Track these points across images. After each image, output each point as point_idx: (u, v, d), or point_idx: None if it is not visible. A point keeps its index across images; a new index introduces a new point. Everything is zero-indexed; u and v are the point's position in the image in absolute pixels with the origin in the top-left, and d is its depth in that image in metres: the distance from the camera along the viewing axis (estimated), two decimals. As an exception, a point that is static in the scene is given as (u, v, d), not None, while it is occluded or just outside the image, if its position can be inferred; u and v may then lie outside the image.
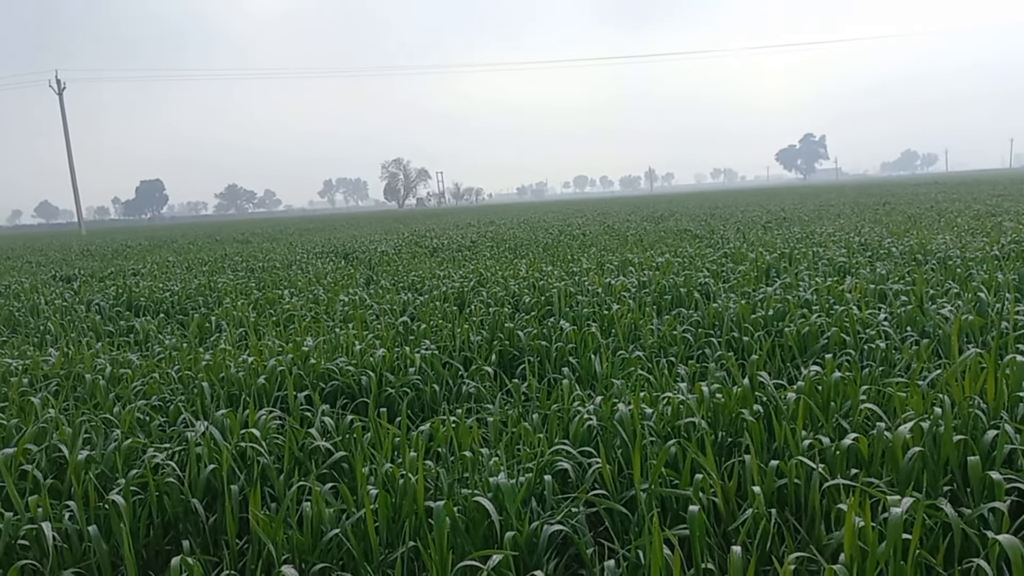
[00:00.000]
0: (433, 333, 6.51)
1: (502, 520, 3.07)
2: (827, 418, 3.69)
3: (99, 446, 4.00)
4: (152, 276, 13.38)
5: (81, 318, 8.73)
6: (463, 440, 3.89)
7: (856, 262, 9.44)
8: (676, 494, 3.16)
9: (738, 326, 6.01)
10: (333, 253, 17.53)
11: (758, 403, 3.87)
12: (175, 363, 5.80)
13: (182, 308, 9.36)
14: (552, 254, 13.99)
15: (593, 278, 9.30)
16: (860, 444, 3.21)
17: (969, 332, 5.09)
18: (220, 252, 20.29)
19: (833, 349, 5.17)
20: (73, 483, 3.50)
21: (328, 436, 4.17)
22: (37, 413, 4.53)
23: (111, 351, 6.65)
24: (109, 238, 42.87)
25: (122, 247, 27.23)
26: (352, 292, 9.60)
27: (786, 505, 3.12)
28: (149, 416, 4.60)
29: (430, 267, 12.60)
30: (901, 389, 3.88)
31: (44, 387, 5.49)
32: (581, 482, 3.47)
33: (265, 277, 12.24)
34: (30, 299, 10.58)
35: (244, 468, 3.77)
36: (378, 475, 3.47)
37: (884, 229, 14.69)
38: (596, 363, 5.30)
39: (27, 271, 17.45)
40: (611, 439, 3.76)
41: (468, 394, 5.10)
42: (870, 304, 6.47)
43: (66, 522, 3.32)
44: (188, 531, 3.47)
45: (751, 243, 13.21)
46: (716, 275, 9.07)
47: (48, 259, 22.30)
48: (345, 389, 5.17)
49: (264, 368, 5.24)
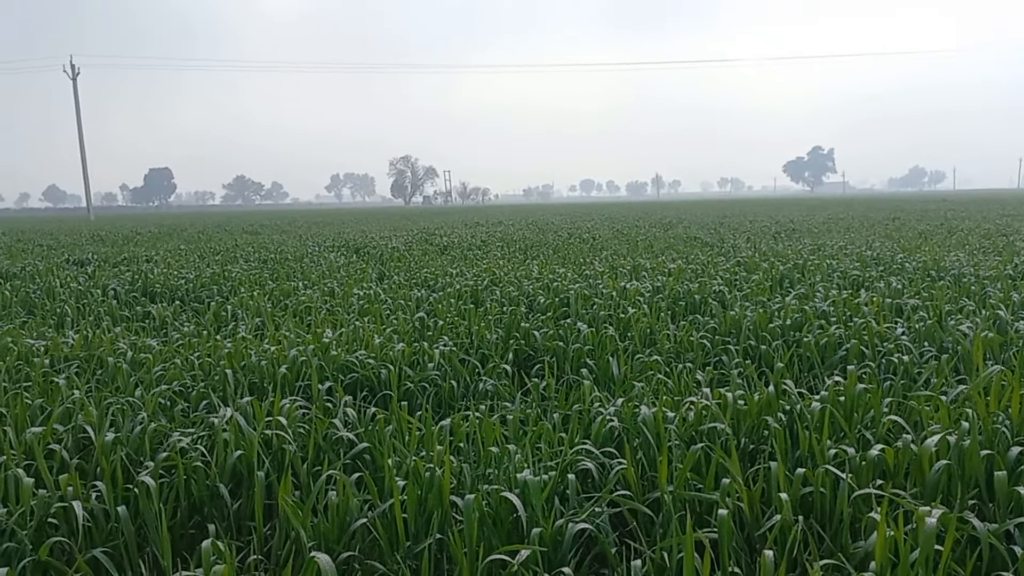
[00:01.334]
0: (450, 330, 6.54)
1: (528, 516, 3.10)
2: (850, 428, 3.72)
3: (124, 428, 4.03)
4: (166, 263, 13.43)
5: (97, 302, 8.78)
6: (487, 436, 3.91)
7: (870, 276, 9.45)
8: (703, 498, 3.18)
9: (755, 334, 6.03)
10: (344, 247, 17.57)
11: (781, 411, 3.89)
12: (195, 350, 5.84)
13: (197, 296, 9.40)
14: (563, 256, 14.02)
15: (607, 281, 9.32)
16: (887, 455, 3.23)
17: (989, 349, 5.11)
18: (230, 242, 20.35)
19: (852, 361, 5.20)
20: (102, 463, 3.53)
21: (350, 427, 4.20)
22: (62, 394, 4.56)
23: (129, 336, 6.69)
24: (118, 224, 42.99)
25: (132, 234, 27.31)
26: (366, 286, 9.63)
27: (811, 513, 3.14)
28: (171, 401, 4.64)
29: (441, 265, 12.63)
30: (925, 403, 3.90)
31: (66, 368, 5.53)
32: (604, 482, 3.50)
33: (278, 268, 12.29)
34: (45, 281, 10.63)
35: (269, 455, 3.80)
36: (403, 467, 3.51)
37: (895, 244, 14.70)
38: (614, 365, 5.32)
39: (39, 254, 17.51)
40: (633, 441, 3.79)
41: (486, 391, 5.13)
42: (887, 318, 6.49)
43: (94, 502, 3.36)
44: (214, 515, 3.50)
45: (763, 253, 13.23)
46: (730, 283, 9.10)
47: (59, 243, 22.38)
48: (365, 382, 5.20)
49: (286, 358, 5.28)
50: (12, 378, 5.20)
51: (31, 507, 3.18)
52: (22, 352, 5.77)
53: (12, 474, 3.31)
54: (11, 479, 3.30)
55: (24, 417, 4.19)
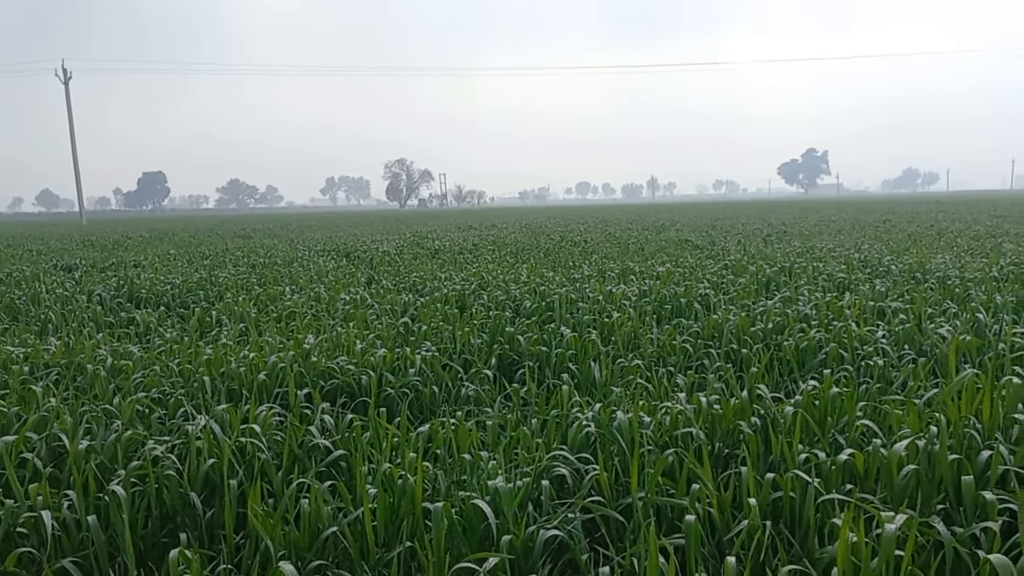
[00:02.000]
0: (434, 335, 6.53)
1: (499, 523, 3.10)
2: (824, 433, 3.72)
3: (99, 436, 4.01)
4: (153, 268, 13.40)
5: (82, 308, 8.75)
6: (462, 443, 3.91)
7: (855, 278, 9.47)
8: (672, 503, 3.19)
9: (737, 338, 6.04)
10: (334, 251, 17.55)
11: (756, 416, 3.90)
12: (175, 356, 5.82)
13: (183, 301, 9.38)
14: (553, 259, 14.03)
15: (594, 285, 9.33)
16: (856, 460, 3.24)
17: (966, 352, 5.12)
18: (221, 246, 20.32)
19: (831, 364, 5.21)
20: (73, 472, 3.52)
21: (328, 434, 4.20)
22: (38, 402, 4.55)
23: (112, 342, 6.67)
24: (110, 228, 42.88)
25: (123, 238, 27.24)
26: (353, 291, 9.62)
27: (780, 518, 3.15)
28: (149, 408, 4.62)
29: (431, 268, 12.63)
30: (897, 407, 3.91)
31: (45, 376, 5.51)
32: (578, 488, 3.50)
33: (266, 273, 12.27)
34: (31, 287, 10.59)
35: (243, 463, 3.80)
36: (377, 475, 3.50)
37: (884, 246, 14.74)
38: (596, 370, 5.32)
39: (28, 259, 17.46)
40: (609, 446, 3.79)
41: (467, 397, 5.12)
42: (869, 321, 6.50)
43: (65, 511, 3.35)
44: (186, 524, 3.49)
45: (752, 256, 13.25)
46: (716, 287, 9.11)
47: (49, 248, 22.31)
48: (345, 388, 5.20)
49: (265, 364, 5.27)
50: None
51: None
52: (1, 359, 5.75)
53: (-20, 484, 3.30)
54: (-21, 489, 3.29)
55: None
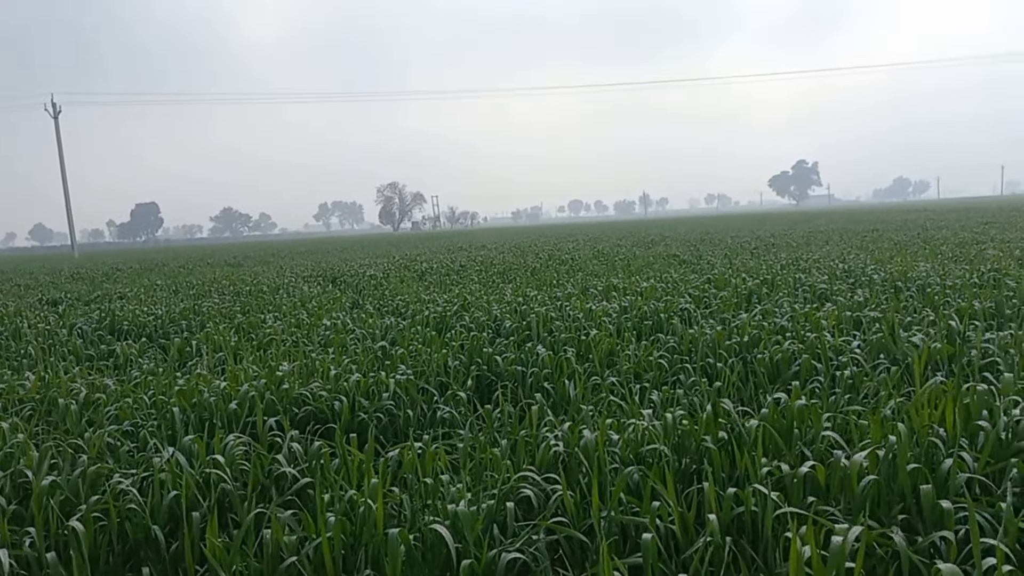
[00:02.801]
0: (412, 358, 6.52)
1: (459, 548, 3.08)
2: (790, 446, 3.71)
3: (64, 471, 3.98)
4: (138, 300, 13.36)
5: (63, 342, 8.72)
6: (427, 467, 3.89)
7: (837, 289, 9.49)
8: (633, 521, 3.17)
9: (713, 352, 6.04)
10: (321, 277, 17.55)
11: (723, 430, 3.89)
12: (150, 388, 5.80)
13: (164, 332, 9.35)
14: (539, 279, 14.03)
15: (575, 303, 9.33)
16: (817, 472, 3.23)
17: (938, 360, 5.13)
18: (210, 276, 20.29)
19: (804, 376, 5.20)
20: (35, 509, 3.50)
21: (296, 462, 4.17)
22: (5, 438, 4.52)
23: (89, 375, 6.64)
24: (101, 261, 42.81)
25: (112, 270, 27.19)
26: (336, 316, 9.60)
27: (743, 533, 3.13)
28: (119, 441, 4.59)
29: (416, 291, 12.62)
30: (863, 417, 3.91)
31: (17, 412, 5.47)
32: (544, 509, 3.48)
33: (251, 301, 12.25)
34: (13, 323, 10.55)
35: (209, 495, 3.77)
36: (341, 502, 3.48)
37: (869, 256, 14.78)
38: (570, 388, 5.31)
39: (14, 294, 17.41)
40: (575, 465, 3.78)
41: (442, 419, 5.10)
42: (845, 331, 6.51)
43: (26, 548, 3.32)
44: (148, 558, 3.46)
45: (736, 269, 13.28)
46: (698, 301, 9.11)
47: (37, 282, 22.26)
48: (318, 415, 5.17)
49: (237, 393, 5.25)
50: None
51: (-45, 557, 3.13)
52: (-28, 397, 5.72)
53: (-63, 524, 3.27)
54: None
55: (-37, 464, 4.14)
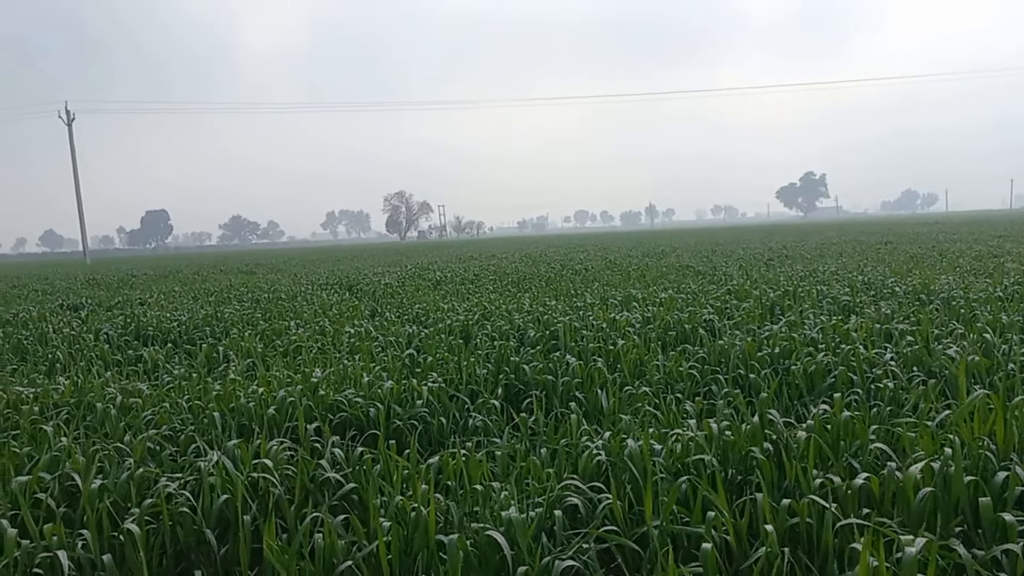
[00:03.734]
0: (439, 366, 6.54)
1: (514, 554, 3.09)
2: (837, 457, 3.72)
3: (112, 475, 4.01)
4: (159, 306, 13.43)
5: (90, 347, 8.77)
6: (473, 473, 3.90)
7: (860, 301, 9.49)
8: (688, 532, 3.18)
9: (744, 363, 6.04)
10: (337, 285, 17.60)
11: (768, 441, 3.89)
12: (184, 393, 5.83)
13: (189, 338, 9.40)
14: (555, 288, 14.05)
15: (597, 313, 9.34)
16: (872, 484, 3.23)
17: (976, 373, 5.12)
18: (225, 283, 20.36)
19: (840, 388, 5.20)
20: (87, 512, 3.52)
21: (338, 468, 4.19)
22: (50, 442, 4.55)
23: (120, 380, 6.68)
24: (114, 267, 43.00)
25: (127, 276, 27.31)
26: (357, 324, 9.64)
27: (798, 544, 3.14)
28: (160, 445, 4.62)
29: (434, 300, 12.65)
30: (910, 429, 3.91)
31: (55, 415, 5.51)
32: (591, 517, 3.48)
33: (271, 308, 12.30)
34: (38, 327, 10.62)
35: (256, 498, 3.79)
36: (389, 507, 3.50)
37: (887, 268, 14.76)
38: (603, 398, 5.32)
39: (34, 299, 17.50)
40: (620, 475, 3.78)
41: (475, 427, 5.12)
42: (875, 343, 6.51)
43: (79, 550, 3.34)
44: (200, 561, 3.48)
45: (754, 280, 13.28)
46: (720, 312, 9.12)
47: (54, 288, 22.37)
48: (353, 421, 5.20)
49: (274, 399, 5.27)
50: (0, 426, 5.19)
51: (15, 558, 3.16)
52: (11, 400, 5.76)
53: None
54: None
55: (11, 466, 4.17)
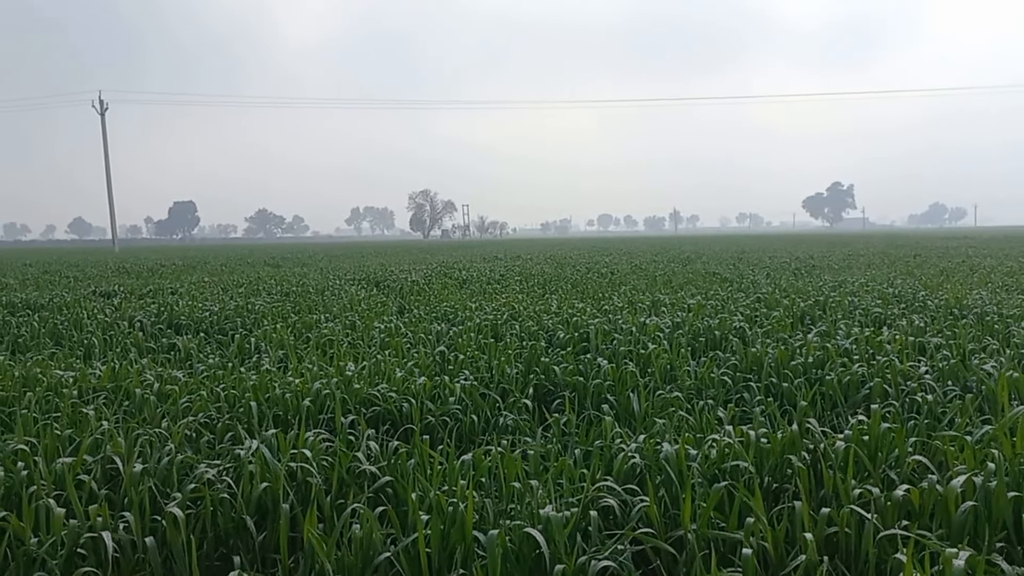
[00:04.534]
0: (470, 364, 6.57)
1: (551, 553, 3.11)
2: (875, 468, 3.70)
3: (152, 460, 4.08)
4: (190, 296, 13.59)
5: (124, 334, 8.90)
6: (510, 471, 3.92)
7: (892, 313, 9.40)
8: (727, 537, 3.18)
9: (777, 372, 6.02)
10: (364, 280, 17.71)
11: (805, 450, 3.88)
12: (219, 382, 5.91)
13: (221, 328, 9.51)
14: (582, 291, 14.05)
15: (626, 316, 9.34)
16: (912, 495, 3.22)
17: (1015, 389, 5.07)
18: (253, 275, 20.56)
19: (875, 399, 5.17)
20: (130, 494, 3.58)
21: (373, 460, 4.23)
22: (91, 425, 4.63)
23: (155, 367, 6.78)
24: (142, 256, 43.54)
25: (156, 266, 27.65)
26: (387, 320, 9.70)
27: (836, 553, 3.13)
28: (197, 432, 4.69)
29: (461, 298, 12.69)
30: (949, 443, 3.88)
31: (93, 399, 5.61)
32: (626, 519, 3.49)
33: (300, 301, 12.41)
34: (73, 312, 10.79)
35: (293, 487, 3.84)
36: (426, 502, 3.53)
37: (917, 281, 14.61)
38: (634, 401, 5.32)
39: (66, 285, 17.77)
40: (655, 478, 3.79)
41: (506, 426, 5.14)
42: (910, 356, 6.45)
43: (122, 533, 3.40)
44: (239, 547, 3.53)
45: (783, 289, 13.19)
46: (751, 320, 9.08)
47: (85, 274, 22.70)
48: (387, 415, 5.24)
49: (309, 391, 5.33)
50: (42, 408, 5.29)
51: (61, 537, 3.22)
52: (51, 383, 5.87)
53: (43, 504, 3.36)
54: (42, 509, 3.35)
55: (54, 447, 4.26)
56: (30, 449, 4.14)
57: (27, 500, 3.47)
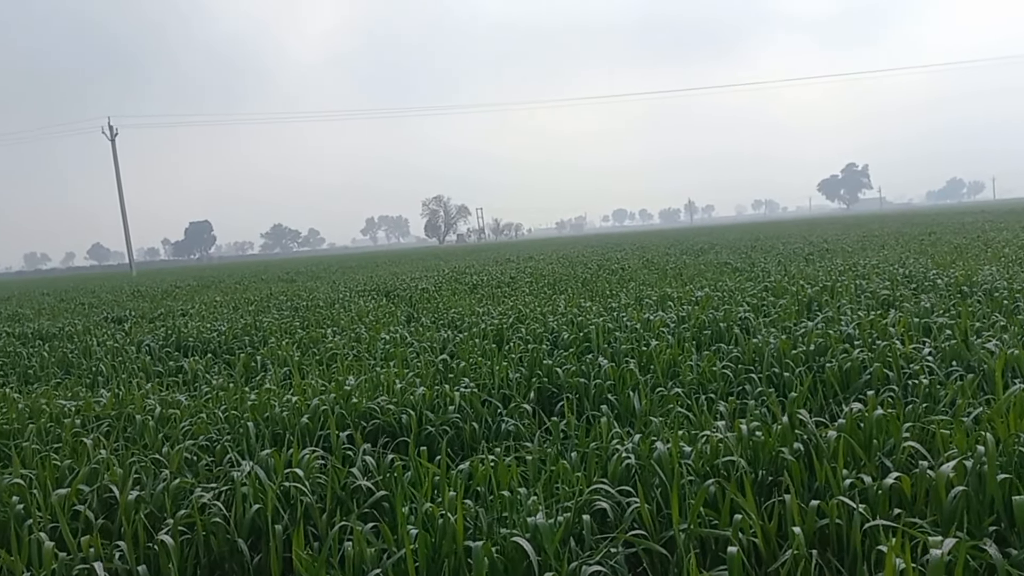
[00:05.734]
0: (472, 371, 6.56)
1: (540, 560, 3.09)
2: (870, 456, 3.65)
3: (148, 486, 4.10)
4: (200, 316, 13.69)
5: (132, 359, 8.97)
6: (502, 479, 3.91)
7: (900, 295, 9.29)
8: (715, 535, 3.15)
9: (779, 362, 5.96)
10: (374, 291, 17.76)
11: (798, 441, 3.84)
12: (222, 403, 5.94)
13: (228, 348, 9.56)
14: (591, 289, 14.01)
15: (632, 313, 9.29)
16: (903, 483, 3.17)
17: (1016, 367, 4.99)
18: (266, 291, 20.67)
19: (876, 385, 5.11)
20: (123, 523, 3.61)
21: (369, 475, 4.23)
22: (89, 454, 4.67)
23: (160, 391, 6.83)
24: (159, 279, 43.93)
25: (171, 287, 27.88)
26: (393, 330, 9.71)
27: (828, 546, 3.09)
28: (197, 456, 4.71)
29: (470, 304, 12.69)
30: (945, 426, 3.82)
31: (96, 428, 5.65)
32: (620, 521, 3.47)
33: (309, 316, 12.46)
34: (83, 341, 10.90)
35: (288, 508, 3.85)
36: (418, 514, 3.52)
37: (929, 260, 14.44)
38: (635, 400, 5.29)
39: (80, 312, 17.96)
40: (649, 478, 3.76)
41: (507, 432, 5.12)
42: (914, 338, 6.37)
43: (116, 562, 3.42)
44: (234, 570, 3.54)
45: (792, 276, 13.09)
46: (756, 309, 9.01)
47: (100, 300, 22.92)
48: (386, 428, 5.24)
49: (307, 407, 5.34)
50: (43, 439, 5.34)
51: (52, 570, 3.24)
52: (54, 413, 5.92)
53: (35, 538, 3.39)
54: (34, 543, 3.38)
55: (52, 479, 4.29)
56: (28, 482, 4.17)
57: (23, 533, 3.50)
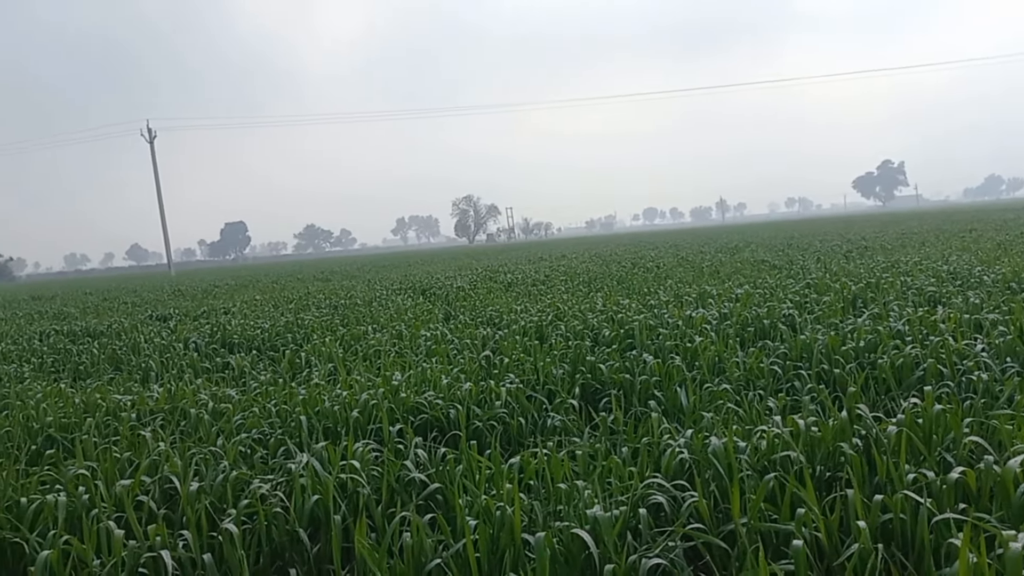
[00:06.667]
0: (516, 367, 6.58)
1: (600, 553, 3.10)
2: (930, 451, 3.60)
3: (208, 477, 4.18)
4: (242, 314, 13.89)
5: (179, 355, 9.14)
6: (555, 472, 3.92)
7: (947, 291, 9.14)
8: (778, 529, 3.13)
9: (828, 358, 5.90)
10: (411, 289, 17.87)
11: (856, 436, 3.80)
12: (271, 398, 6.03)
13: (272, 345, 9.70)
14: (627, 287, 13.97)
15: (672, 310, 9.25)
16: (968, 478, 3.13)
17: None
18: (303, 290, 20.91)
19: (930, 381, 5.03)
20: (187, 513, 3.68)
21: (421, 468, 4.27)
22: (148, 447, 4.77)
23: (210, 386, 6.95)
24: (197, 278, 44.62)
25: (210, 287, 28.31)
26: (433, 327, 9.78)
27: (891, 540, 3.06)
28: (251, 449, 4.79)
29: (506, 301, 12.72)
30: (1007, 421, 3.76)
31: (151, 421, 5.77)
32: (676, 516, 3.46)
33: (348, 313, 12.58)
34: (131, 338, 11.12)
35: (345, 498, 3.90)
36: (474, 507, 3.55)
37: (972, 257, 14.18)
38: (682, 396, 5.27)
39: (124, 311, 18.31)
40: (704, 472, 3.75)
41: (554, 427, 5.14)
42: (965, 335, 6.27)
43: (180, 550, 3.50)
44: (294, 560, 3.60)
45: (834, 273, 12.93)
46: (800, 306, 8.92)
47: (142, 299, 23.35)
48: (434, 422, 5.28)
49: (357, 402, 5.40)
50: (101, 433, 5.46)
51: (122, 558, 3.32)
52: (110, 407, 6.05)
53: (104, 526, 3.47)
54: (103, 531, 3.46)
55: (113, 470, 4.39)
56: (91, 473, 4.28)
57: (89, 523, 3.59)
